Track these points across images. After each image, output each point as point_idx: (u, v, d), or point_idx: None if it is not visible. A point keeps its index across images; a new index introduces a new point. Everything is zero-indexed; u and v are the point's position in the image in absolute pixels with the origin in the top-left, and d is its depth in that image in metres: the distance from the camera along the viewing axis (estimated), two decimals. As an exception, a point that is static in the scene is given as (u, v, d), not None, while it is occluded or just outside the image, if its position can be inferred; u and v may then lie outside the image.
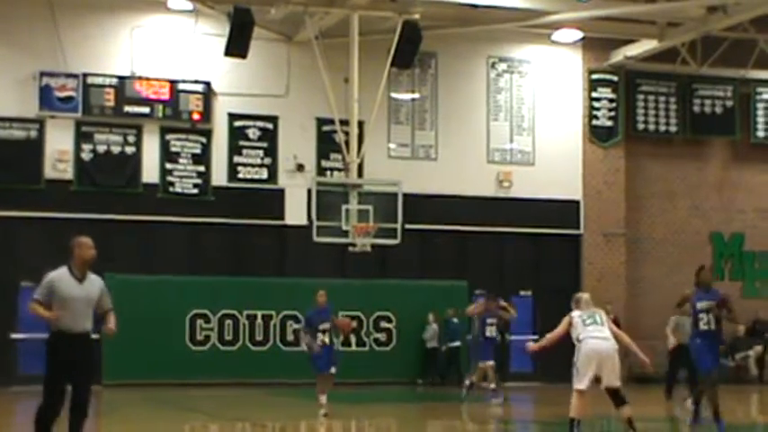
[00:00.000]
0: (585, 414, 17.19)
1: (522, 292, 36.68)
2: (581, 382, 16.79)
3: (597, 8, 35.11)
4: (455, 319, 35.45)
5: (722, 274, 40.29)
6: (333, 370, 22.88)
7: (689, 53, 39.70)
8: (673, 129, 41.28)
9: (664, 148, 41.31)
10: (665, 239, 40.41)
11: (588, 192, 39.45)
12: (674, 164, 41.21)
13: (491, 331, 28.31)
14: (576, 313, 17.27)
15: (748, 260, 41.27)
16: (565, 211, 39.08)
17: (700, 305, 19.14)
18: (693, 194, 41.15)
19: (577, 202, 39.40)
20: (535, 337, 33.37)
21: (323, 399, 22.46)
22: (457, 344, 35.62)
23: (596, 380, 16.95)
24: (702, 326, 19.04)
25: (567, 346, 17.50)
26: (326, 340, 22.94)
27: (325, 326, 22.97)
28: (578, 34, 38.19)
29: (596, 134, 39.83)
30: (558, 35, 38.22)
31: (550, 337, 17.77)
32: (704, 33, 37.51)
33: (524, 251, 36.97)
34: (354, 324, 23.40)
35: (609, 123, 40.04)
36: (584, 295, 17.93)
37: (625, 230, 39.87)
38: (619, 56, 39.26)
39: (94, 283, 13.14)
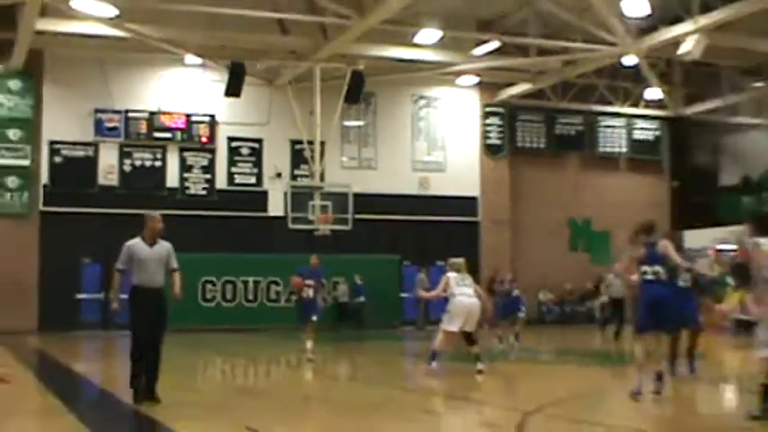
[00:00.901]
0: (447, 349, 17.31)
1: (438, 263, 36.97)
2: (450, 326, 16.86)
3: (488, 61, 35.52)
4: (359, 281, 35.54)
5: (577, 247, 40.94)
6: (314, 318, 21.92)
7: (552, 93, 40.29)
8: (542, 146, 41.83)
9: (536, 159, 41.66)
10: (537, 224, 40.64)
11: (484, 191, 39.77)
12: (543, 171, 41.66)
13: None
14: (452, 275, 17.20)
15: (594, 237, 41.61)
16: (467, 205, 39.36)
17: None
18: (556, 192, 41.48)
19: (476, 199, 39.65)
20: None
21: (309, 344, 21.29)
22: (362, 299, 35.53)
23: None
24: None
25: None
26: (311, 294, 22.08)
27: (310, 282, 22.06)
28: (475, 79, 38.43)
29: (489, 150, 40.14)
30: (461, 80, 38.46)
31: (435, 292, 17.91)
32: (562, 79, 38.21)
33: (439, 234, 37.18)
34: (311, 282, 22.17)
35: (498, 142, 40.38)
36: (459, 260, 17.68)
37: (509, 218, 40.29)
38: (504, 95, 39.52)
39: (164, 246, 13.02)
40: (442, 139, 39.53)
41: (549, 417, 11.96)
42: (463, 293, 16.98)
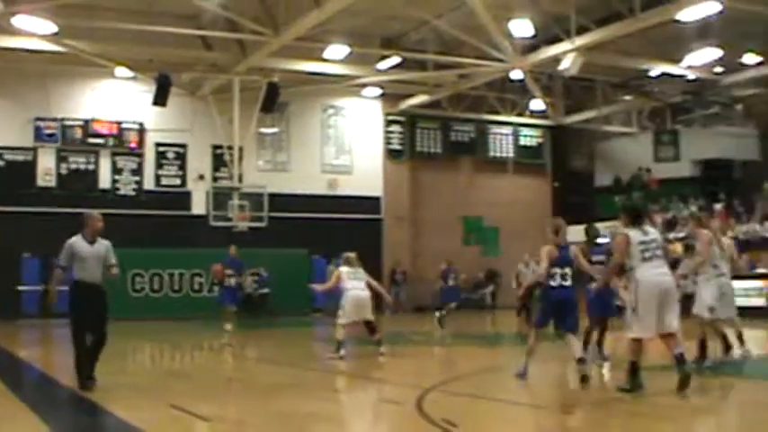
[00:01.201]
0: (346, 338, 16.93)
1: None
2: (344, 319, 16.55)
3: (391, 75, 35.67)
4: (264, 273, 35.24)
5: (470, 241, 41.27)
6: (233, 307, 21.92)
7: (447, 103, 40.47)
8: (439, 151, 41.94)
9: (433, 163, 41.80)
10: (434, 221, 40.71)
11: (386, 191, 39.86)
12: (440, 173, 41.81)
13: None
14: (344, 269, 16.77)
15: (485, 233, 41.96)
16: (371, 203, 39.44)
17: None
18: (451, 192, 41.61)
19: (379, 198, 39.74)
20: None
21: (227, 326, 21.15)
22: (266, 290, 35.35)
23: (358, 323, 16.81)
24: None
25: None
26: (232, 282, 21.91)
27: (230, 271, 21.87)
28: (379, 91, 38.50)
29: (391, 154, 40.31)
30: (366, 91, 38.48)
31: (327, 285, 17.52)
32: (456, 91, 38.33)
33: (346, 230, 37.13)
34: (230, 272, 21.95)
35: (399, 148, 40.58)
36: (351, 255, 17.22)
37: (409, 216, 40.41)
38: (405, 105, 39.58)
39: (103, 244, 12.73)
40: (348, 144, 39.50)
41: (446, 393, 12.05)
42: (355, 287, 16.57)
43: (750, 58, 34.66)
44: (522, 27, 29.78)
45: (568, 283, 12.37)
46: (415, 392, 11.46)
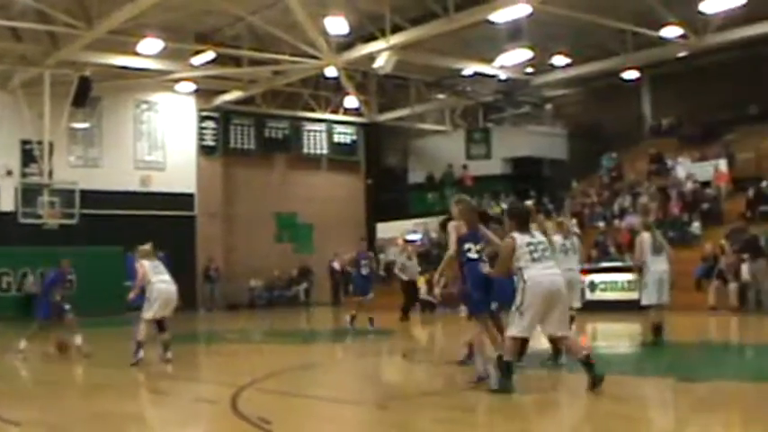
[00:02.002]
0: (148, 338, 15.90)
1: (160, 254, 36.82)
2: (149, 313, 15.63)
3: (205, 70, 35.56)
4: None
5: (283, 238, 41.65)
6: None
7: (262, 100, 40.86)
8: (253, 147, 42.16)
9: (247, 159, 41.94)
10: (248, 218, 40.90)
11: (200, 187, 39.74)
12: (253, 169, 42.02)
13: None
14: (146, 262, 15.92)
15: (298, 229, 42.40)
16: (185, 200, 39.26)
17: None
18: (265, 188, 41.89)
19: (193, 195, 39.61)
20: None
21: (23, 344, 17.85)
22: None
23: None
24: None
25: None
26: (58, 297, 18.64)
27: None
28: (193, 86, 38.33)
29: (205, 151, 40.24)
30: (180, 87, 38.17)
31: (137, 285, 16.14)
32: (271, 88, 38.79)
33: (160, 227, 36.63)
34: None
35: (213, 144, 40.58)
36: (146, 247, 16.43)
37: (223, 213, 40.47)
38: (219, 100, 39.72)
39: None
40: (162, 140, 39.17)
41: (261, 390, 12.11)
42: (162, 280, 15.90)
43: (559, 60, 36.36)
44: (337, 25, 30.13)
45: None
46: (230, 391, 11.50)
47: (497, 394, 10.72)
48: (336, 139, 44.71)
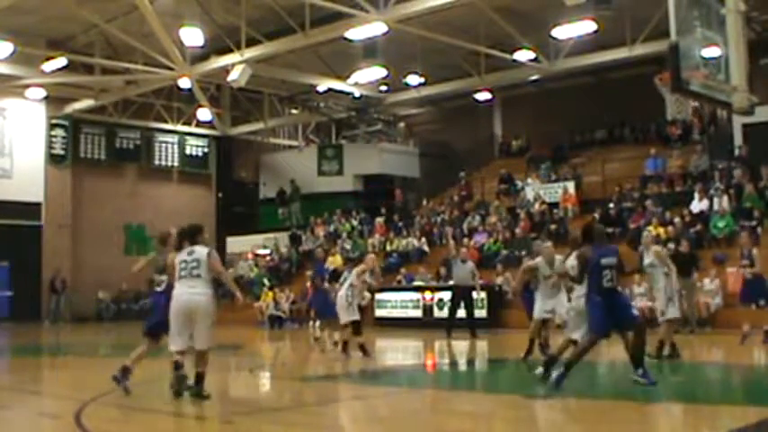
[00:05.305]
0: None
1: (2, 263, 36.53)
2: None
3: (56, 77, 35.37)
4: None
5: (132, 250, 41.18)
6: None
7: (114, 109, 40.83)
8: (103, 157, 41.97)
9: (97, 169, 41.69)
10: (97, 229, 40.63)
11: (48, 197, 39.28)
12: (103, 180, 41.74)
13: None
14: None
15: (148, 242, 42.15)
16: (32, 210, 38.72)
17: (605, 261, 12.02)
18: (114, 200, 41.66)
19: (40, 204, 39.11)
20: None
21: None
22: None
23: None
24: (606, 283, 11.95)
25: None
26: None
27: None
28: (43, 93, 37.95)
29: (54, 159, 39.74)
30: (29, 93, 37.69)
31: None
32: (123, 97, 38.98)
33: (5, 236, 36.48)
34: None
35: (62, 152, 40.07)
36: None
37: (71, 223, 39.99)
38: (70, 109, 39.47)
39: None
40: (9, 147, 38.56)
41: (104, 404, 12.00)
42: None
43: (413, 79, 37.31)
44: (192, 36, 30.24)
45: None
46: (74, 405, 11.37)
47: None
48: (188, 151, 44.81)
